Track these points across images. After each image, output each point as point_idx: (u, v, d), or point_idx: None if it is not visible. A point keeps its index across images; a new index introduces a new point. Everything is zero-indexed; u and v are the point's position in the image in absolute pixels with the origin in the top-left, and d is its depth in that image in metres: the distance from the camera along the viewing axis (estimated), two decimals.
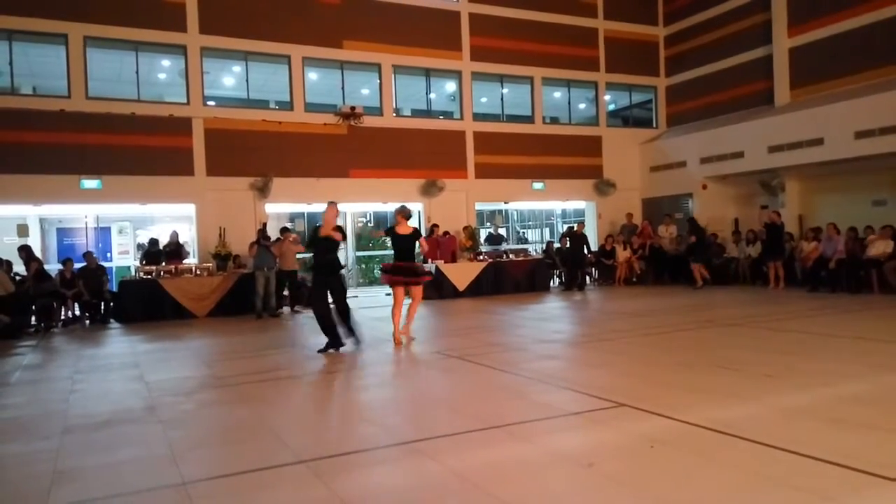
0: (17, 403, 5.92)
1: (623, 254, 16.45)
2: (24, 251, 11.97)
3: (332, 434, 4.69)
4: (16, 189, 12.94)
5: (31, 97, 14.21)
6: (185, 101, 14.65)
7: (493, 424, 4.46)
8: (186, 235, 15.39)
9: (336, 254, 8.07)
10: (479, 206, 18.12)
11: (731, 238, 16.06)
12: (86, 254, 12.57)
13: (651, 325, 9.04)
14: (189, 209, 14.96)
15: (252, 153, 14.88)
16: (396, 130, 16.55)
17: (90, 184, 13.60)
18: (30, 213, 14.81)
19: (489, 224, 20.27)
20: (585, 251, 15.57)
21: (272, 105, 16.77)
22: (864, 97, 13.65)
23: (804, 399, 4.84)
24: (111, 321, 12.18)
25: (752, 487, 3.26)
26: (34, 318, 11.51)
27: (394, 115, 16.88)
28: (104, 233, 16.33)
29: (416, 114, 18.21)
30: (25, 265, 11.78)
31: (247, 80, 15.49)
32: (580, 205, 19.73)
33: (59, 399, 5.89)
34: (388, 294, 15.55)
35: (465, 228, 15.99)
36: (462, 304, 13.12)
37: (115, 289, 12.82)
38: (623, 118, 20.77)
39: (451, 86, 18.02)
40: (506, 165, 17.56)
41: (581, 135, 18.95)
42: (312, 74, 16.29)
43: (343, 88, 16.15)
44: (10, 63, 13.35)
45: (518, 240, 21.88)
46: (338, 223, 7.95)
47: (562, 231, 19.26)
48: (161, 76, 16.25)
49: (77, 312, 12.21)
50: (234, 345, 9.10)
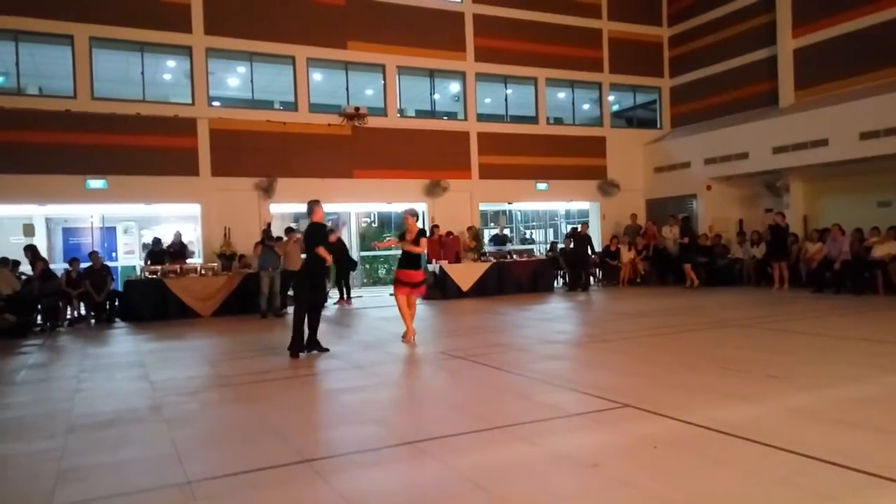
0: (23, 402, 5.95)
1: (627, 254, 16.43)
2: (30, 251, 12.04)
3: (335, 434, 4.70)
4: (22, 189, 13.00)
5: (37, 97, 14.26)
6: (191, 102, 14.69)
7: (497, 425, 4.47)
8: (191, 235, 15.45)
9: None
10: (483, 207, 18.13)
11: (736, 239, 16.03)
12: (91, 253, 12.62)
13: (655, 326, 9.04)
14: (194, 209, 15.01)
15: (256, 153, 14.92)
16: (400, 131, 16.57)
17: (96, 184, 13.65)
18: (36, 213, 14.90)
19: (493, 224, 20.27)
20: (589, 252, 15.58)
21: (277, 105, 16.79)
22: (870, 98, 13.61)
23: (808, 400, 4.84)
24: (116, 320, 12.23)
25: (756, 488, 3.26)
26: (40, 318, 11.56)
27: (398, 116, 16.89)
28: (109, 232, 16.42)
29: (420, 114, 18.21)
30: (31, 265, 11.84)
31: (251, 81, 15.53)
32: (584, 205, 19.74)
33: (64, 398, 5.91)
34: (392, 294, 15.77)
35: (470, 229, 15.99)
36: (466, 305, 13.13)
37: (121, 288, 12.89)
38: (627, 119, 20.73)
39: (455, 86, 18.03)
40: (510, 166, 17.55)
41: (585, 135, 18.93)
42: (317, 75, 16.32)
43: (347, 89, 16.18)
44: (17, 64, 13.44)
45: (523, 240, 21.88)
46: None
47: (566, 232, 19.26)
48: (166, 77, 16.32)
49: (82, 312, 12.27)
50: (239, 344, 9.12)
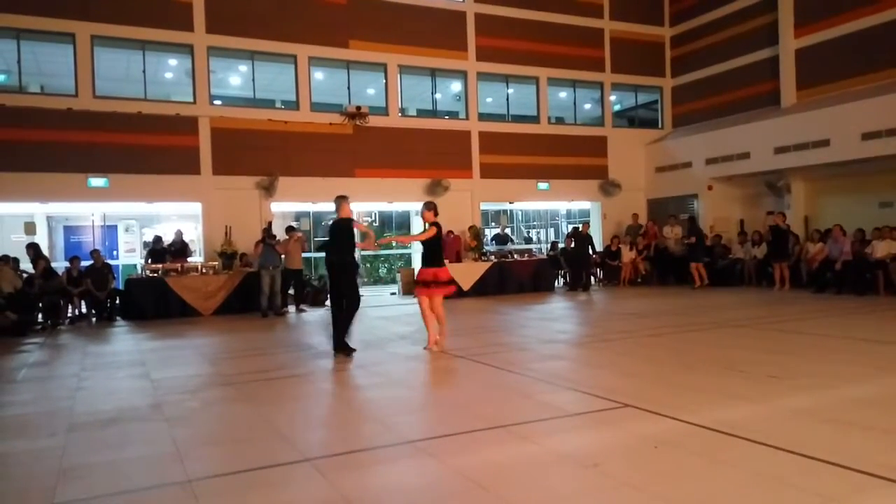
0: (24, 400, 5.96)
1: (628, 254, 16.43)
2: (32, 249, 12.05)
3: (337, 433, 4.70)
4: (23, 187, 13.00)
5: (39, 96, 14.27)
6: (192, 101, 14.69)
7: (498, 424, 4.47)
8: (192, 234, 15.45)
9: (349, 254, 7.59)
10: (485, 206, 18.12)
11: (737, 239, 16.02)
12: (93, 252, 12.63)
13: (655, 326, 9.03)
14: (195, 208, 15.01)
15: (258, 152, 14.91)
16: (402, 130, 16.57)
17: (97, 182, 13.66)
18: (37, 211, 14.90)
19: (494, 224, 20.26)
20: (590, 252, 15.57)
21: (278, 104, 16.80)
22: (871, 98, 13.60)
23: (808, 400, 4.83)
24: (117, 319, 12.24)
25: (756, 488, 3.26)
26: (41, 316, 11.56)
27: (399, 115, 16.88)
28: (111, 231, 16.43)
29: (422, 114, 18.22)
30: (33, 263, 11.84)
31: (253, 80, 15.52)
32: (585, 205, 19.72)
33: (66, 396, 5.91)
34: (393, 294, 15.86)
35: (471, 228, 15.99)
36: (466, 304, 13.12)
37: (122, 287, 12.90)
38: (629, 118, 20.71)
39: (457, 86, 18.02)
40: (511, 165, 17.54)
41: (586, 135, 18.92)
42: (318, 74, 16.31)
43: (349, 88, 16.17)
44: (18, 62, 13.45)
45: (525, 240, 21.87)
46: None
47: (567, 231, 19.25)
48: (168, 75, 16.32)
49: (84, 310, 12.28)
50: (240, 343, 9.13)
